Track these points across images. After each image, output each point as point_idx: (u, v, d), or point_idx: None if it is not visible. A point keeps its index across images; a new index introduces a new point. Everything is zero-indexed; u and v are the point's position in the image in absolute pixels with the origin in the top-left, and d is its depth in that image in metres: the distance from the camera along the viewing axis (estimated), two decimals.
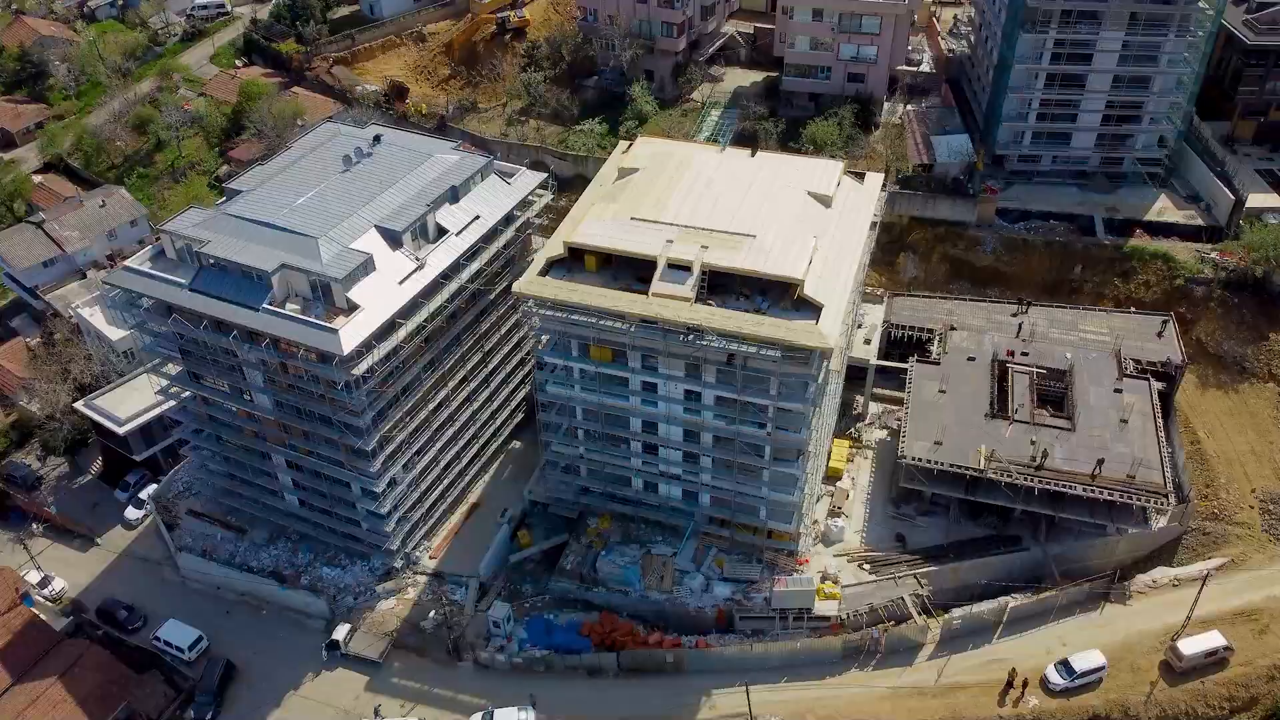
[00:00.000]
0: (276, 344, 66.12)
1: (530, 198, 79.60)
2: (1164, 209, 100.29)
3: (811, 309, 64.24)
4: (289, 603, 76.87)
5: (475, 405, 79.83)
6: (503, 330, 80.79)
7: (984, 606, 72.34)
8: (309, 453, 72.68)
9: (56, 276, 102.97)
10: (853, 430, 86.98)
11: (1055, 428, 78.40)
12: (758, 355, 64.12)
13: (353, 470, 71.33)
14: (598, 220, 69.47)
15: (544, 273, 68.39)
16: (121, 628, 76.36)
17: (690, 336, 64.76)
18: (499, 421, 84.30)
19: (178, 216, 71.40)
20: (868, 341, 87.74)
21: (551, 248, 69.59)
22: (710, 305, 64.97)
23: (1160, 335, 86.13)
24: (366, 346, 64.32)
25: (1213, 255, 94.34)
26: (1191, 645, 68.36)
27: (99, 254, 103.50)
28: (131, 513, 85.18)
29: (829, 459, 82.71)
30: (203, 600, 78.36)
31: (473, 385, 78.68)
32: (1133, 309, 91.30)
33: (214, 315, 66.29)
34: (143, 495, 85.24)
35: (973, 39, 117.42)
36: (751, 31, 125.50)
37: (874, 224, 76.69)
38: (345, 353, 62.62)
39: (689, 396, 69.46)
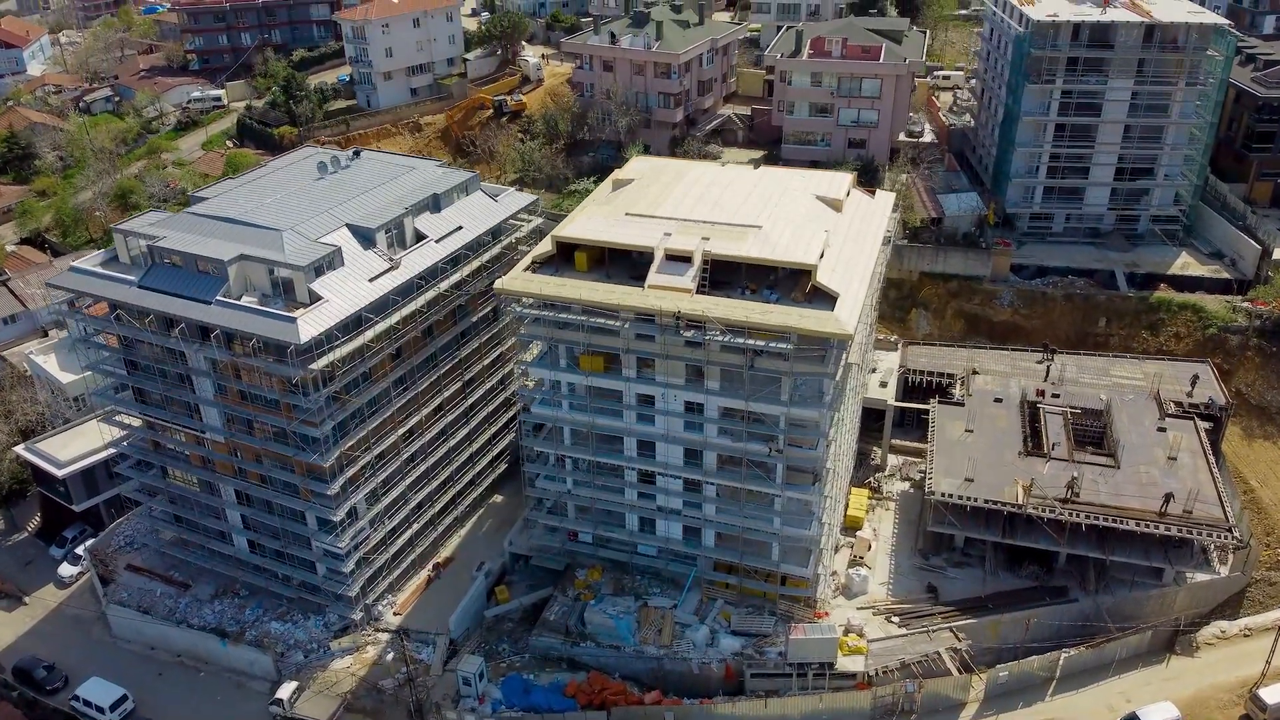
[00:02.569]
0: (230, 342, 59.30)
1: (517, 221, 74.44)
2: (1187, 264, 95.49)
3: (826, 300, 57.77)
4: (231, 662, 66.78)
5: (452, 441, 72.06)
6: (485, 361, 73.99)
7: (1034, 660, 62.58)
8: (261, 479, 64.57)
9: (19, 334, 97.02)
10: (871, 480, 78.89)
11: (1097, 465, 70.55)
12: (768, 350, 57.13)
13: (309, 500, 63.03)
14: (589, 218, 64.00)
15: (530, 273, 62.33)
16: (39, 688, 66.12)
17: (692, 332, 57.89)
18: (479, 467, 76.20)
19: (135, 218, 65.96)
20: (884, 384, 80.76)
21: (540, 248, 63.80)
22: (713, 297, 58.53)
23: (1194, 384, 78.59)
24: (328, 339, 57.42)
25: (1244, 305, 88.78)
26: (1276, 694, 58.51)
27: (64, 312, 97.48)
28: (65, 569, 75.89)
29: (848, 506, 74.45)
30: (134, 661, 68.26)
31: (450, 418, 71.14)
32: (1165, 358, 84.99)
33: (162, 310, 59.66)
34: (79, 551, 76.12)
35: (975, 106, 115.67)
36: (749, 113, 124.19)
37: (887, 239, 71.19)
38: (302, 340, 55.64)
39: (690, 409, 61.99)
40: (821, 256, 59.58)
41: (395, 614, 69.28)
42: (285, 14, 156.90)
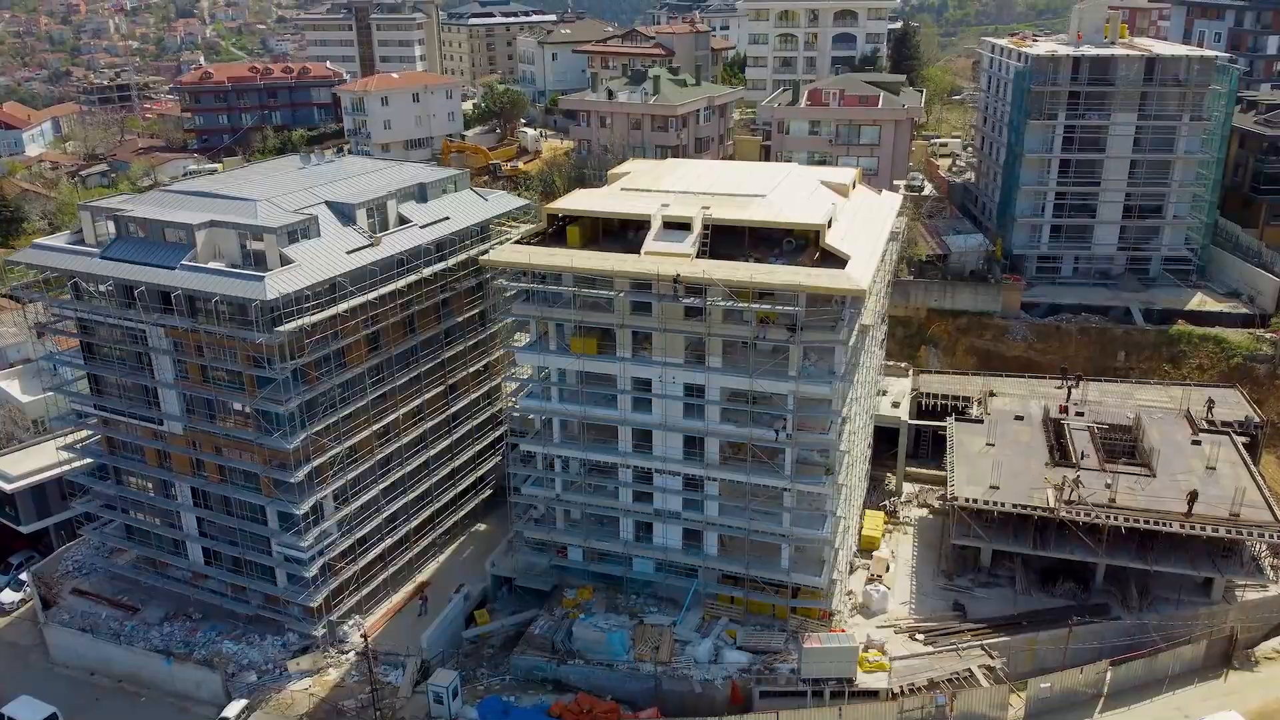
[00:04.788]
0: (194, 312, 55.01)
1: (506, 228, 71.19)
2: (1203, 302, 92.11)
3: (836, 262, 53.80)
4: (175, 685, 59.46)
5: (432, 451, 66.64)
6: (470, 369, 69.35)
7: (1078, 670, 55.67)
8: (220, 472, 59.07)
9: None
10: (887, 504, 73.08)
11: (1132, 473, 65.14)
12: (775, 314, 52.82)
13: (271, 495, 57.31)
14: (584, 195, 60.76)
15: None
16: None
17: (692, 298, 53.57)
18: (460, 487, 70.38)
19: (104, 200, 62.67)
20: (896, 405, 75.82)
21: (530, 228, 60.32)
22: (715, 261, 54.55)
23: (1209, 408, 73.32)
24: (297, 301, 53.04)
25: (1269, 335, 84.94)
26: None
27: (32, 350, 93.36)
28: (7, 595, 68.96)
29: (862, 527, 68.54)
30: (71, 685, 60.77)
31: (430, 423, 66.00)
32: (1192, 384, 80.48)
33: (123, 278, 55.52)
34: (23, 577, 69.52)
35: (975, 160, 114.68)
36: None
37: (895, 234, 67.83)
38: (269, 297, 51.27)
39: (690, 392, 57.07)
40: (830, 225, 56.07)
41: (362, 636, 62.26)
42: (286, 95, 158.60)
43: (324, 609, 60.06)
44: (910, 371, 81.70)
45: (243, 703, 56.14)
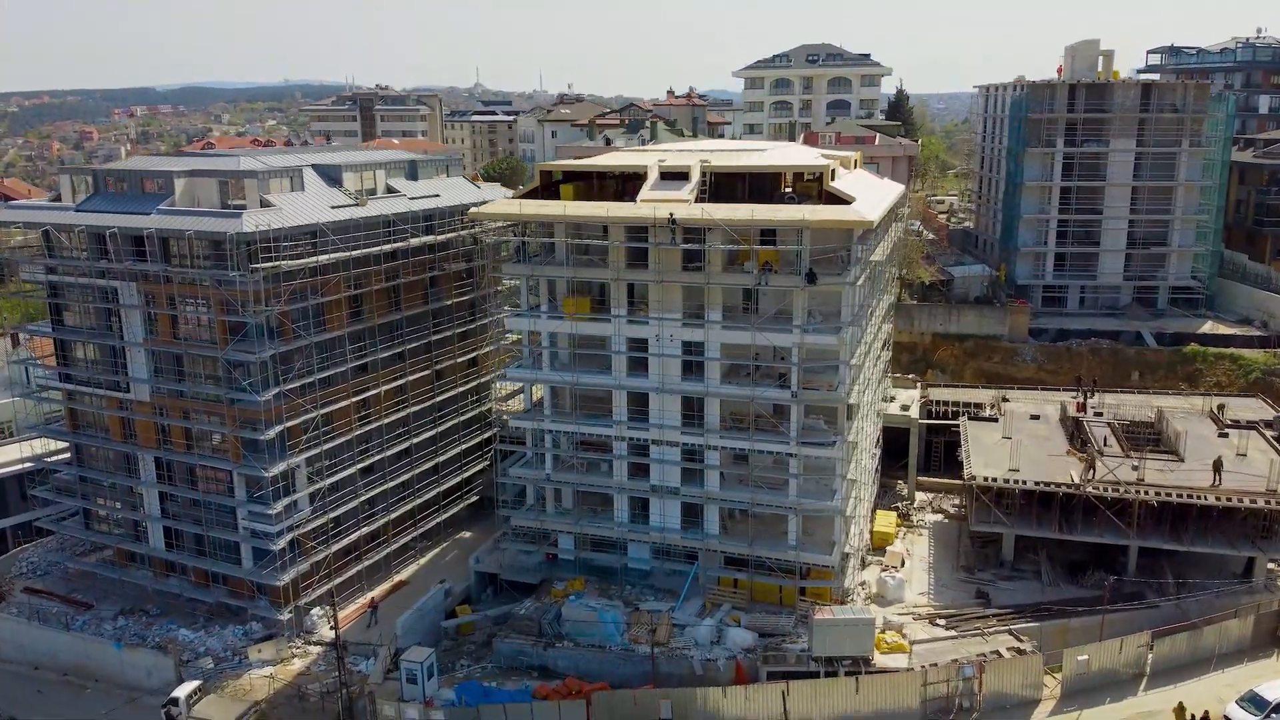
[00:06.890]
0: (167, 256, 52.46)
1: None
2: (1215, 328, 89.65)
3: (841, 203, 51.52)
4: (125, 676, 53.83)
5: (415, 439, 62.90)
6: (459, 359, 66.28)
7: (1118, 642, 50.47)
8: (186, 437, 55.26)
9: None
10: (898, 505, 68.80)
11: (1159, 459, 61.31)
12: (776, 257, 50.28)
13: (239, 461, 53.44)
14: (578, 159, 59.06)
15: None
16: None
17: (691, 243, 51.13)
18: (444, 485, 66.24)
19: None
20: (906, 408, 72.33)
21: (522, 189, 58.38)
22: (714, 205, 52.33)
23: (1220, 410, 70.26)
24: (275, 241, 50.45)
25: None
26: None
27: (6, 365, 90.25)
28: None
29: (874, 521, 64.22)
30: (13, 680, 55.19)
31: (414, 409, 62.50)
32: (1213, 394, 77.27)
33: (97, 225, 53.15)
34: None
35: (976, 199, 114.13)
36: None
37: (898, 215, 65.82)
38: (245, 229, 48.76)
39: (689, 350, 53.89)
40: (833, 174, 54.15)
41: (331, 628, 57.08)
42: None
43: (291, 592, 55.24)
44: (918, 384, 78.51)
45: (195, 683, 50.69)
